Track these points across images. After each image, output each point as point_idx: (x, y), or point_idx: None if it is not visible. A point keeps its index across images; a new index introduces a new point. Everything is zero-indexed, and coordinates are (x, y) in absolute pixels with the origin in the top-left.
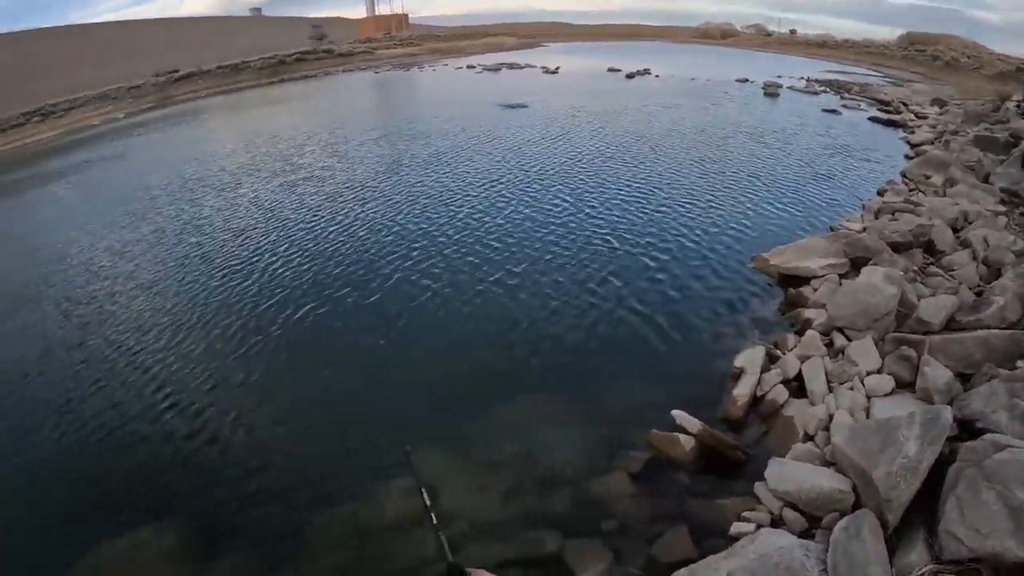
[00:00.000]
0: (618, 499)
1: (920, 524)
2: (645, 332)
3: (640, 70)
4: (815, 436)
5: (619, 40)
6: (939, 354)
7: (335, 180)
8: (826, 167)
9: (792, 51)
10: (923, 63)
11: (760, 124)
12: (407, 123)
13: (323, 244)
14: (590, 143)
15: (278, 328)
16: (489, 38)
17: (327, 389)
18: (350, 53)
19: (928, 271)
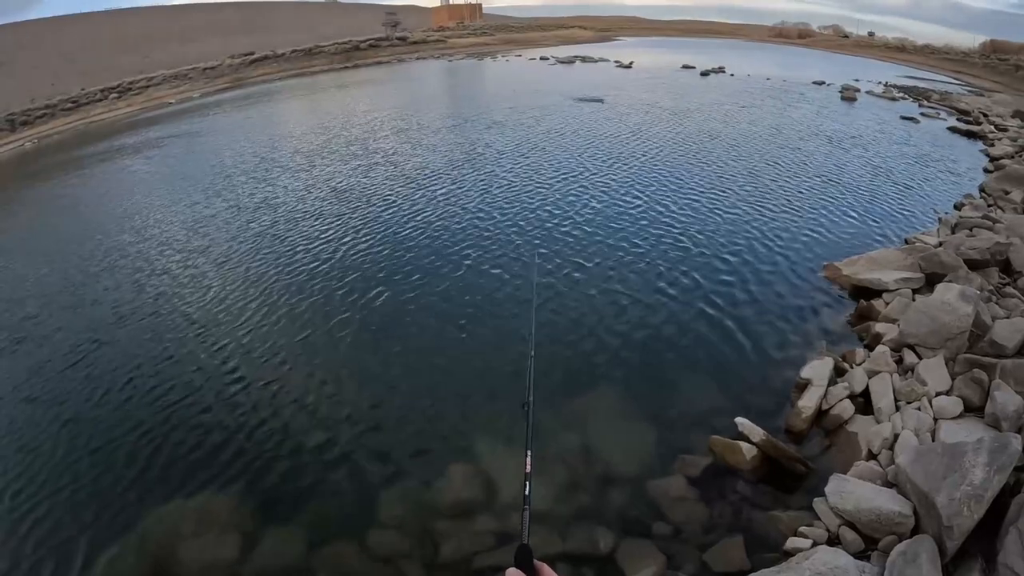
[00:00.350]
0: (675, 503)
1: (978, 554)
2: (711, 335)
3: (715, 68)
4: (879, 455)
5: (693, 36)
6: (1010, 379)
7: (409, 166)
8: (902, 177)
9: (869, 54)
10: (1005, 72)
11: (836, 129)
12: (481, 112)
13: (396, 229)
14: (664, 140)
15: (347, 309)
16: (563, 30)
17: (395, 371)
18: (423, 41)
19: (1003, 291)
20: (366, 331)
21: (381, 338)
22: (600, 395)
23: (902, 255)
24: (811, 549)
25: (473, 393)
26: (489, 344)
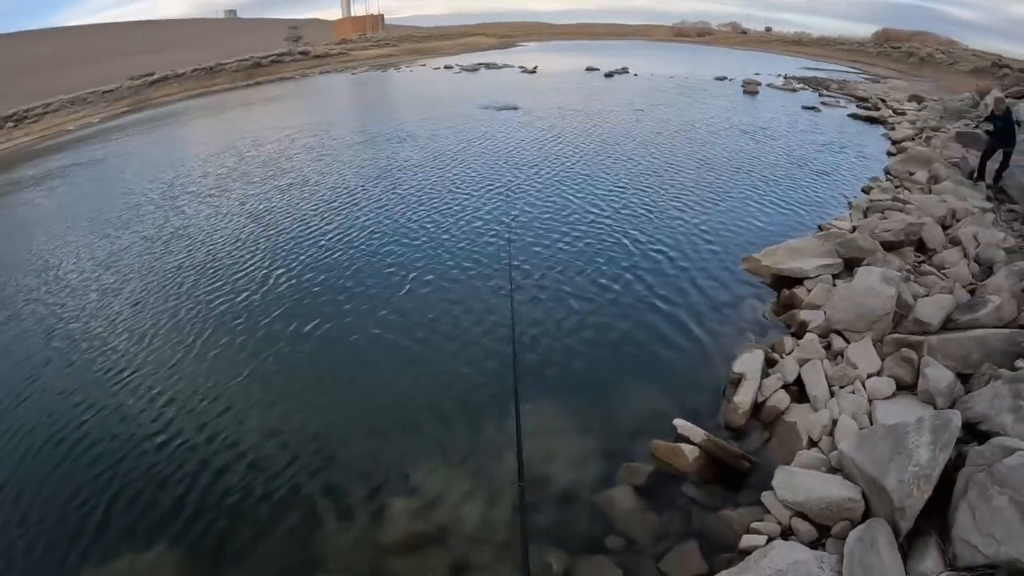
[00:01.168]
0: (624, 514)
1: (932, 530)
2: (640, 338)
3: (618, 69)
4: (819, 442)
5: (596, 39)
6: (938, 354)
7: (326, 184)
8: (810, 164)
9: (768, 48)
10: (899, 60)
11: (741, 122)
12: (392, 125)
13: (318, 252)
14: (578, 143)
15: (279, 340)
16: (467, 38)
17: (334, 401)
18: (326, 55)
19: (921, 270)
20: (301, 361)
21: (315, 367)
22: (534, 410)
23: (819, 242)
24: (767, 546)
25: (419, 419)
26: (413, 371)
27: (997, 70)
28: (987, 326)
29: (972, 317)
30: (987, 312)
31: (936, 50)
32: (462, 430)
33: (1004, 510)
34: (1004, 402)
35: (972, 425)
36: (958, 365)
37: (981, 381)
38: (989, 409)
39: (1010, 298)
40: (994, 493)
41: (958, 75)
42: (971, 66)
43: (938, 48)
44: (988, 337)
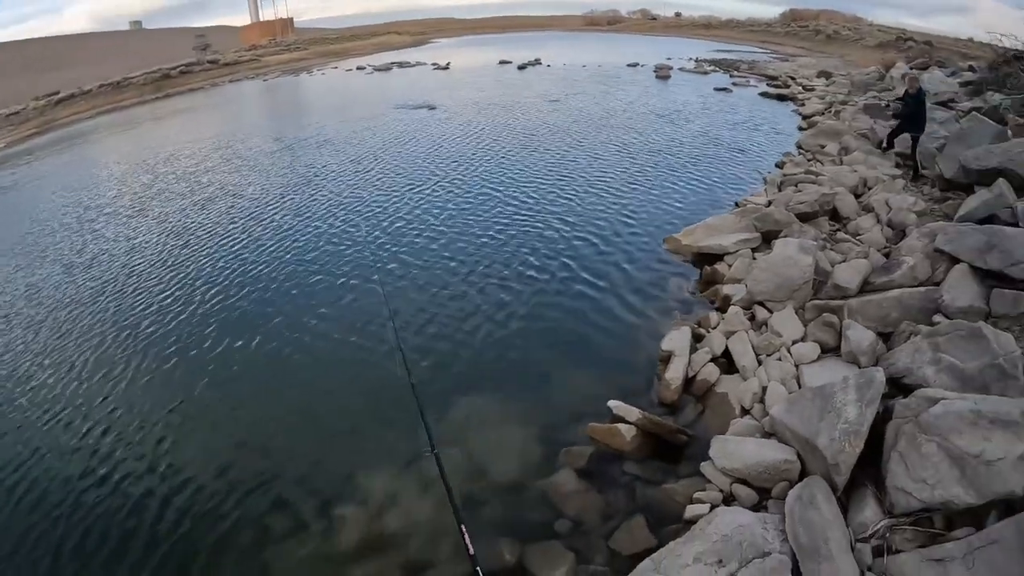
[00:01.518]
0: (569, 497)
1: (868, 482)
2: (570, 326)
3: (531, 61)
4: (751, 409)
5: (507, 31)
6: (858, 316)
7: (246, 195)
8: (724, 144)
9: (678, 33)
10: (806, 38)
11: (656, 106)
12: (309, 130)
13: (240, 266)
14: (497, 136)
15: (203, 358)
16: (378, 37)
17: (271, 417)
18: (236, 62)
19: (836, 238)
20: (231, 380)
21: (244, 385)
22: (473, 404)
23: (736, 218)
24: (711, 513)
25: (353, 425)
26: (358, 370)
27: (901, 43)
28: (903, 286)
29: (888, 279)
30: (902, 273)
31: (842, 27)
32: (387, 430)
33: (933, 456)
34: (924, 356)
35: (896, 380)
36: (878, 325)
37: (901, 338)
38: (911, 363)
39: (923, 258)
40: (922, 441)
41: (864, 50)
42: (876, 41)
43: (844, 25)
44: (905, 296)
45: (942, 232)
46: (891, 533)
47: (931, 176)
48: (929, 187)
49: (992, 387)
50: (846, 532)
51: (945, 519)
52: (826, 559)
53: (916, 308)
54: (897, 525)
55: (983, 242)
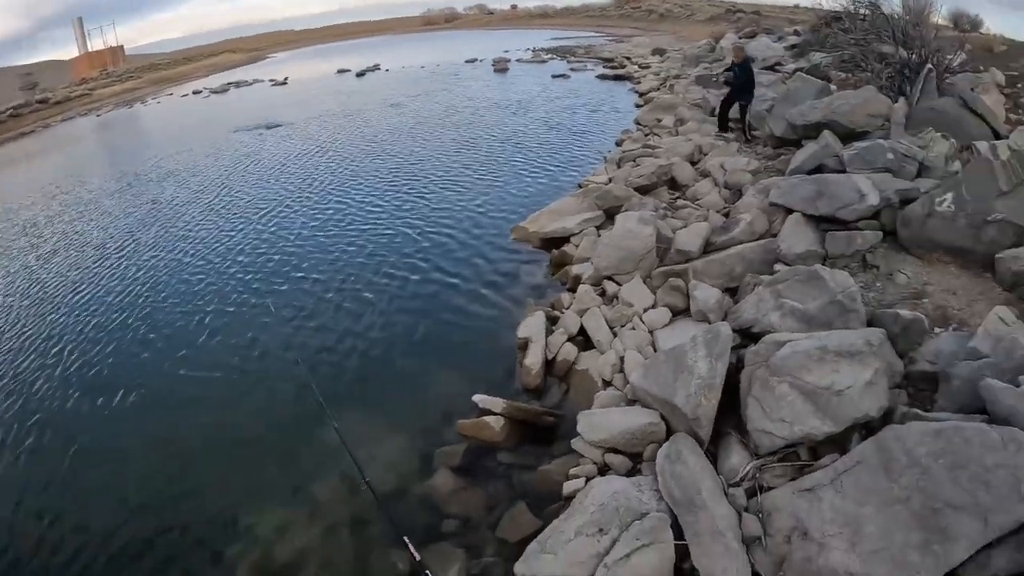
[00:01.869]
0: (450, 496)
1: (731, 430)
2: (428, 327)
3: (370, 67)
4: (612, 381)
5: (345, 39)
6: (704, 276)
7: (93, 243)
8: (565, 129)
9: (516, 25)
10: (640, 18)
11: (496, 99)
12: (149, 165)
13: (98, 317)
14: (334, 151)
15: (79, 418)
16: (213, 58)
17: (145, 469)
18: (67, 99)
19: (676, 205)
20: (110, 437)
21: (123, 439)
22: (345, 423)
23: (578, 200)
24: (587, 486)
25: (245, 463)
26: (202, 407)
27: (731, 15)
28: (743, 242)
29: (729, 237)
30: (741, 229)
31: (674, 5)
32: (285, 462)
33: (787, 395)
34: (768, 303)
35: (746, 331)
36: (724, 281)
37: (747, 291)
38: (756, 313)
39: (760, 213)
40: (775, 383)
41: (696, 25)
42: (707, 15)
43: (676, 3)
44: (746, 251)
45: (774, 186)
46: (761, 473)
47: (763, 137)
48: (762, 147)
49: (835, 323)
50: (717, 480)
51: (810, 451)
52: (701, 508)
53: (758, 260)
54: (766, 464)
55: (813, 191)
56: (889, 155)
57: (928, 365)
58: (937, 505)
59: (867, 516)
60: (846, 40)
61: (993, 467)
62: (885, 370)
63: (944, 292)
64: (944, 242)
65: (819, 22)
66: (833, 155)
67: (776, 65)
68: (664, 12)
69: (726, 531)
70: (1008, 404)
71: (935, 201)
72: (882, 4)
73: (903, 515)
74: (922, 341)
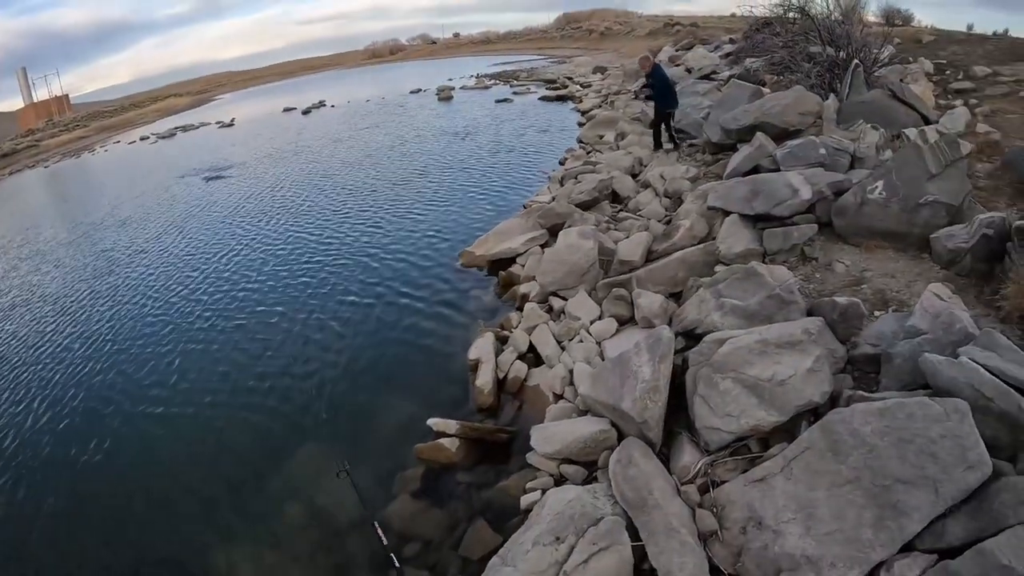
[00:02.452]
0: (411, 520)
1: (681, 430)
2: (382, 355)
3: (316, 104)
4: (563, 394)
5: (290, 77)
6: (647, 284)
7: (50, 297)
8: (510, 151)
9: (461, 53)
10: (581, 38)
11: (439, 128)
12: (101, 215)
13: (57, 370)
14: (286, 187)
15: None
16: (159, 103)
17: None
18: (13, 151)
19: (619, 217)
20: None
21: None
22: (303, 454)
23: (523, 220)
24: (543, 497)
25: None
26: (160, 453)
27: (670, 29)
28: (684, 247)
29: (670, 243)
30: (681, 235)
31: (613, 23)
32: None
33: (731, 391)
34: (709, 304)
35: (690, 332)
36: (668, 287)
37: (690, 294)
38: (699, 314)
39: (699, 218)
40: (718, 380)
41: (636, 40)
42: (646, 30)
43: (615, 21)
44: (687, 255)
45: (712, 191)
46: (713, 468)
47: (701, 144)
48: (701, 154)
49: (775, 316)
50: (670, 479)
51: (760, 442)
52: (654, 507)
53: (700, 264)
54: (717, 460)
55: (748, 191)
56: (821, 150)
57: (870, 348)
58: (887, 482)
59: (819, 499)
60: (776, 44)
61: (938, 438)
62: (826, 356)
63: (883, 276)
64: (879, 228)
65: (751, 29)
66: (767, 155)
67: (712, 74)
68: (604, 31)
69: (680, 528)
70: (948, 376)
71: (867, 189)
72: (810, 6)
73: (855, 495)
74: (862, 325)
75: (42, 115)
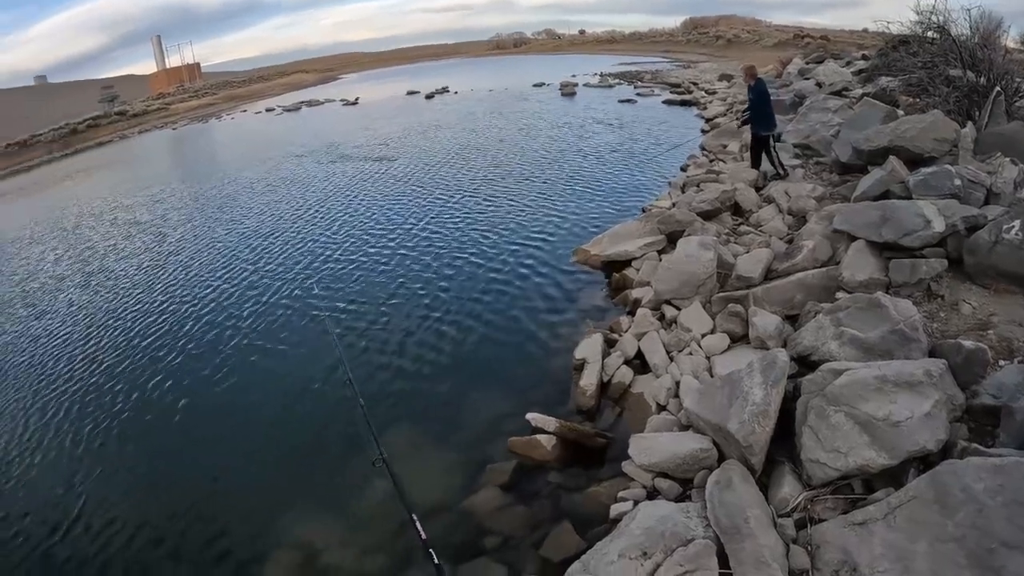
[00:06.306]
0: (495, 513)
1: (784, 459)
2: (483, 346)
3: (439, 89)
4: (667, 405)
5: (414, 62)
6: (764, 303)
7: (185, 252)
8: (629, 153)
9: (584, 50)
10: (707, 44)
11: (562, 123)
12: (223, 178)
13: (150, 336)
14: (407, 167)
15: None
16: (286, 77)
17: (192, 471)
18: (144, 112)
19: (739, 231)
20: (166, 436)
21: (181, 439)
22: (391, 441)
23: (641, 224)
24: (634, 509)
25: (259, 473)
26: (265, 420)
27: (799, 40)
28: (805, 269)
29: (791, 263)
30: (803, 256)
31: (742, 30)
32: (326, 468)
33: (842, 425)
34: (827, 331)
35: (805, 358)
36: (784, 309)
37: (807, 318)
38: (816, 341)
39: (823, 240)
40: (830, 412)
41: (764, 50)
42: (775, 40)
43: (743, 28)
44: (807, 278)
45: (839, 213)
46: (812, 504)
47: (828, 162)
48: (827, 173)
49: (896, 353)
50: (767, 509)
51: (864, 483)
52: (748, 537)
53: (819, 288)
54: (817, 496)
55: (877, 217)
56: (956, 181)
57: (991, 399)
58: (993, 545)
59: (919, 553)
60: (913, 64)
61: None
62: (945, 402)
63: (1011, 323)
64: (1011, 271)
65: (886, 46)
66: (899, 181)
67: (843, 90)
68: (732, 38)
69: (772, 561)
70: None
71: (1003, 228)
72: (950, 27)
73: (956, 553)
74: (985, 373)
75: (173, 81)
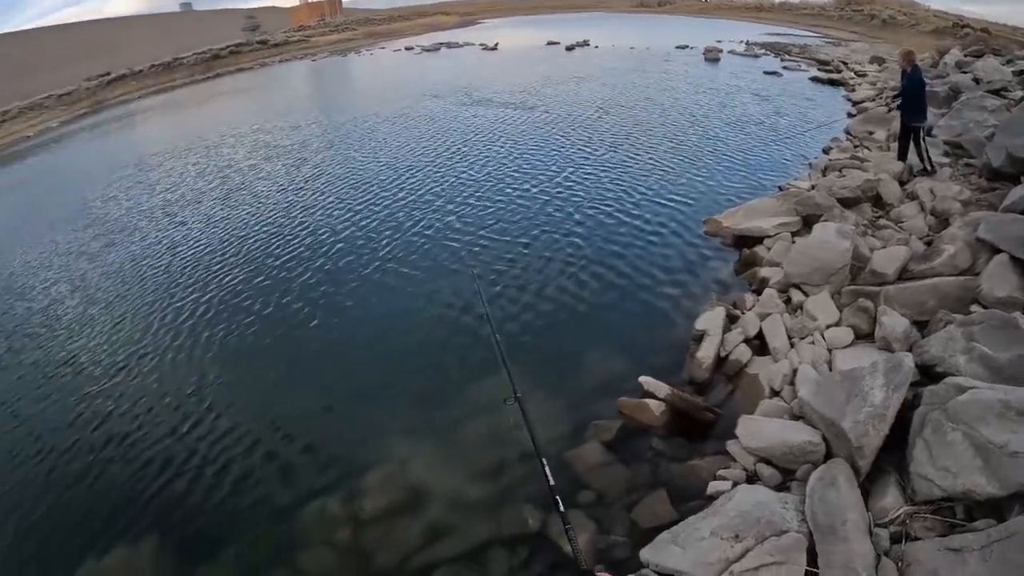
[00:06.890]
0: (594, 469)
1: (891, 468)
2: (607, 302)
3: (579, 42)
4: (781, 391)
5: (555, 12)
6: (894, 303)
7: (328, 175)
8: (770, 128)
9: (730, 16)
10: (860, 23)
11: (704, 89)
12: (361, 113)
13: (287, 253)
14: (545, 118)
15: (271, 324)
16: (426, 18)
17: (318, 382)
18: (284, 42)
19: (878, 224)
20: (299, 349)
21: (315, 351)
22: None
23: (778, 202)
24: (732, 490)
25: (382, 403)
26: (387, 351)
27: (958, 30)
28: (942, 274)
29: (928, 266)
30: (942, 261)
31: (898, 12)
32: (457, 398)
33: (958, 444)
34: (957, 344)
35: (928, 368)
36: (914, 312)
37: (937, 327)
38: (943, 352)
39: (964, 247)
40: (948, 429)
41: (919, 36)
42: (932, 27)
43: (900, 10)
44: (943, 285)
45: (985, 221)
46: (911, 520)
47: (979, 166)
48: (977, 176)
49: None
50: (865, 515)
51: (966, 509)
52: (843, 540)
53: (953, 297)
54: (918, 512)
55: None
56: None
57: None
58: None
59: None
60: None
61: None
62: None
63: None
64: None
65: None
66: None
67: (1002, 90)
68: (887, 19)
69: (861, 570)
70: None
71: None
72: None
73: None
74: None
75: (315, 14)
